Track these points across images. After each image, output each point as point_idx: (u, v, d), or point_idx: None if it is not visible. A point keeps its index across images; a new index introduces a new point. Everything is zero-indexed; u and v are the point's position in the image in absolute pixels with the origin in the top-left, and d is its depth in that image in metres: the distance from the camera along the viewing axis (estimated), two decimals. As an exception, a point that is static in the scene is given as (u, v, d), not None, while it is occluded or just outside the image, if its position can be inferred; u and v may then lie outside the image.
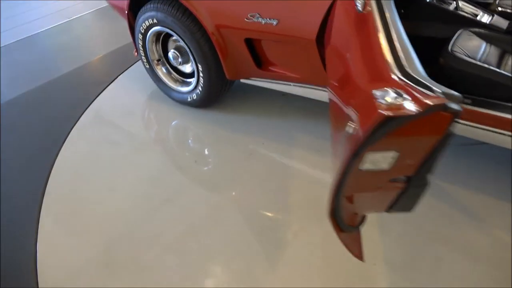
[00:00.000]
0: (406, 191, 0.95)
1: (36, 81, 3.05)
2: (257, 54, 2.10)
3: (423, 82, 0.85)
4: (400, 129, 0.77)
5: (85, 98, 2.80)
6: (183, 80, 2.54)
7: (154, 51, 2.51)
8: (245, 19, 1.94)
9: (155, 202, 1.93)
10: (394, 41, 1.05)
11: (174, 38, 2.39)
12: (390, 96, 0.81)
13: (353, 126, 0.89)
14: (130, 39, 3.39)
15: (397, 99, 0.79)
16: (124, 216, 1.89)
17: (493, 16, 2.10)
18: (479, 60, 1.74)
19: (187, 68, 2.48)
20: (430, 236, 1.70)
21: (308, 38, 1.81)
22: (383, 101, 0.80)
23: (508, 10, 2.12)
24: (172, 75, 2.56)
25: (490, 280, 1.54)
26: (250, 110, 2.50)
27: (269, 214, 1.83)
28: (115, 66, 3.17)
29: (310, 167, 2.06)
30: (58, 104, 2.79)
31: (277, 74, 2.11)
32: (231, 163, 2.13)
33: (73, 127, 2.52)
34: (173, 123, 2.52)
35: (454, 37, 1.85)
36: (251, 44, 2.06)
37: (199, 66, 2.25)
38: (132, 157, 2.24)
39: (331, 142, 1.32)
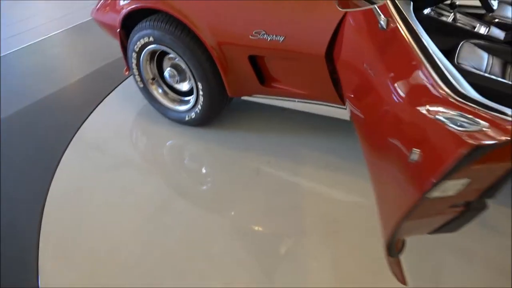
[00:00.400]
0: (463, 215, 0.93)
1: (20, 103, 2.89)
2: (260, 70, 2.06)
3: (490, 105, 0.83)
4: (484, 157, 0.74)
5: (74, 120, 2.66)
6: (180, 99, 2.46)
7: (149, 70, 2.43)
8: (250, 36, 1.89)
9: (154, 222, 1.87)
10: (435, 59, 1.02)
11: (170, 56, 2.32)
12: (461, 122, 0.78)
13: (418, 153, 0.86)
14: (112, 57, 3.31)
15: (473, 126, 0.77)
16: (124, 233, 1.83)
17: (489, 27, 2.14)
18: (485, 72, 1.76)
19: (184, 86, 2.40)
20: (431, 243, 1.69)
21: (316, 54, 1.78)
22: (459, 128, 0.77)
23: (504, 21, 2.18)
24: (169, 95, 2.47)
25: (491, 283, 1.57)
26: (250, 127, 2.45)
27: (279, 235, 1.78)
28: (101, 86, 3.05)
29: (320, 184, 2.02)
30: (46, 128, 2.64)
31: (281, 90, 2.07)
32: (238, 184, 2.07)
33: (64, 151, 2.38)
34: (169, 143, 2.44)
35: (458, 50, 1.86)
36: (254, 60, 2.02)
37: (199, 84, 2.19)
38: (130, 179, 2.14)
39: (368, 163, 1.29)
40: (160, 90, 2.47)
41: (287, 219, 1.84)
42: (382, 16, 1.31)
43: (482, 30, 2.12)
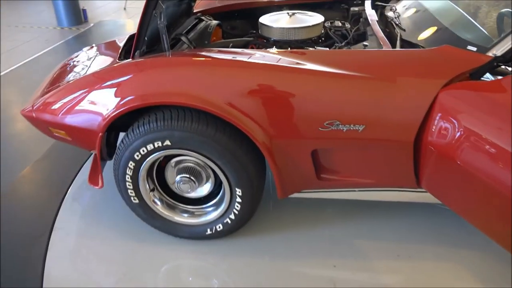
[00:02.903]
0: None
1: None
2: (318, 163, 1.74)
3: None
4: None
5: (27, 263, 1.83)
6: (200, 210, 1.91)
7: (147, 182, 1.83)
8: (320, 129, 1.58)
9: None
10: None
11: (175, 160, 1.81)
12: None
13: None
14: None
15: None
16: None
17: None
18: None
19: (202, 191, 1.88)
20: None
21: (404, 141, 1.58)
22: None
23: None
24: (195, 213, 1.91)
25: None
26: (280, 226, 2.05)
27: None
28: (46, 194, 2.24)
29: (408, 279, 1.76)
30: None
31: (342, 182, 1.78)
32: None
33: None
34: (170, 267, 1.85)
35: None
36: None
37: (237, 190, 1.73)
38: None
39: None
40: (185, 214, 1.92)
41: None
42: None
43: None
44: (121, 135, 1.88)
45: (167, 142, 1.65)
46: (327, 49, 1.94)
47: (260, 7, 2.73)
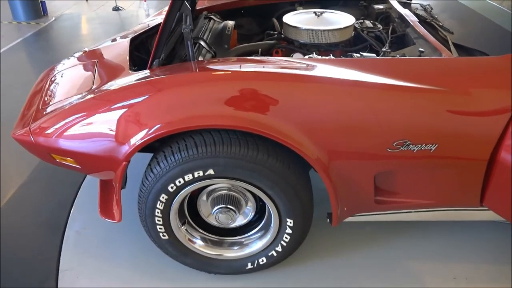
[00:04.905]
0: None
1: None
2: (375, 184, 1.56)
3: None
4: None
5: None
6: (247, 239, 1.68)
7: (177, 215, 1.57)
8: (388, 149, 1.39)
9: None
10: None
11: (207, 191, 1.57)
12: None
13: None
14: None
15: None
16: None
17: None
18: None
19: (239, 220, 1.64)
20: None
21: (478, 158, 1.43)
22: None
23: None
24: (245, 242, 1.67)
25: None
26: (319, 251, 1.85)
27: None
28: (42, 227, 1.90)
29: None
30: None
31: (399, 204, 1.61)
32: None
33: None
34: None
35: None
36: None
37: (289, 220, 1.52)
38: None
39: None
40: (235, 247, 1.69)
41: None
42: None
43: None
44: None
45: (210, 172, 1.40)
46: (374, 55, 1.74)
47: (270, 4, 2.49)
